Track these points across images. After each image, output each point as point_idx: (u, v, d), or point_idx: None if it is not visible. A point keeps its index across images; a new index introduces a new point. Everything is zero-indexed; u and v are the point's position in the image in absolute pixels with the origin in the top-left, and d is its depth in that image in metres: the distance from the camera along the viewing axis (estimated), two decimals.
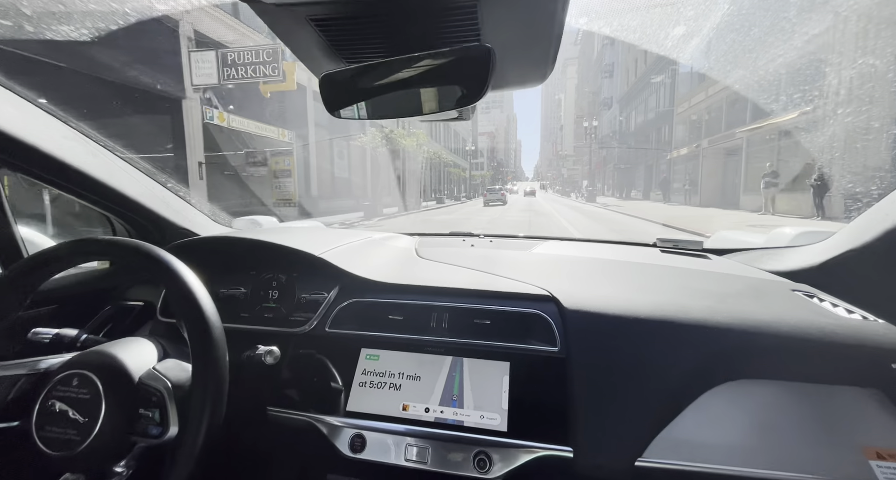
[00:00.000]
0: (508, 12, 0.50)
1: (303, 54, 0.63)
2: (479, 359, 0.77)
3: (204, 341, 0.56)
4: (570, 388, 0.70)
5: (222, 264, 0.98)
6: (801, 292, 0.86)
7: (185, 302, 0.58)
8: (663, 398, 0.67)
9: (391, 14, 0.50)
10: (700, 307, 0.74)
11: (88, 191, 0.93)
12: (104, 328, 0.96)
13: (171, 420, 0.57)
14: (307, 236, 1.07)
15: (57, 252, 0.64)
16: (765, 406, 0.68)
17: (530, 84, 0.68)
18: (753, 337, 0.68)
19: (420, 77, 0.56)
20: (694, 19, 6.42)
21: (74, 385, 0.57)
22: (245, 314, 0.91)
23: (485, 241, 1.41)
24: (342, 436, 0.73)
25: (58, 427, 0.55)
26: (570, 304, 0.78)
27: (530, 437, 0.68)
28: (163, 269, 0.59)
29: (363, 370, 0.80)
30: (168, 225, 1.11)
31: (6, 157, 0.79)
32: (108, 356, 0.60)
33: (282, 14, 0.51)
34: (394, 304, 0.85)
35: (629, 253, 1.22)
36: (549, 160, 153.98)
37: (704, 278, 0.96)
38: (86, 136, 0.91)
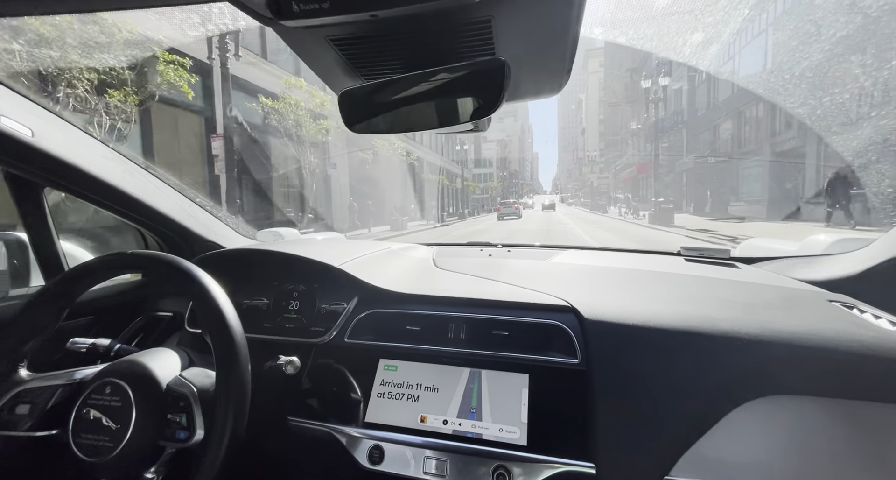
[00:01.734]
0: (523, 26, 0.50)
1: (322, 72, 0.65)
2: (497, 371, 0.76)
3: (227, 349, 0.58)
4: (591, 401, 0.68)
5: (246, 276, 1.01)
6: (840, 303, 0.81)
7: (210, 313, 0.60)
8: (691, 413, 0.64)
9: (408, 32, 0.51)
10: (727, 318, 0.71)
11: (124, 207, 0.99)
12: (136, 337, 1.00)
13: (198, 424, 0.59)
14: (327, 248, 1.09)
15: (94, 266, 0.67)
16: (802, 425, 0.64)
17: (546, 95, 0.68)
18: (787, 350, 0.65)
19: (436, 91, 0.57)
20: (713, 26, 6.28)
21: (107, 393, 0.60)
22: (267, 324, 0.93)
23: (502, 251, 1.40)
24: (361, 447, 0.73)
25: (92, 433, 0.58)
26: (590, 315, 0.76)
27: (551, 452, 0.66)
28: (190, 281, 0.62)
29: (381, 381, 0.80)
30: (196, 238, 1.16)
31: (53, 177, 0.84)
32: (137, 365, 0.63)
33: (303, 35, 0.53)
34: (412, 315, 0.86)
35: (651, 262, 1.19)
36: (568, 171, 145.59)
37: (732, 287, 0.92)
38: (122, 155, 0.96)
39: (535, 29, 0.51)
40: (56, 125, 0.81)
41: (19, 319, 0.66)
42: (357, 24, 0.49)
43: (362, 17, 0.44)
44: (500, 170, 67.07)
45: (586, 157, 66.67)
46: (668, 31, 3.56)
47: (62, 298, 0.68)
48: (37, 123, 0.76)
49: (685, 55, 5.21)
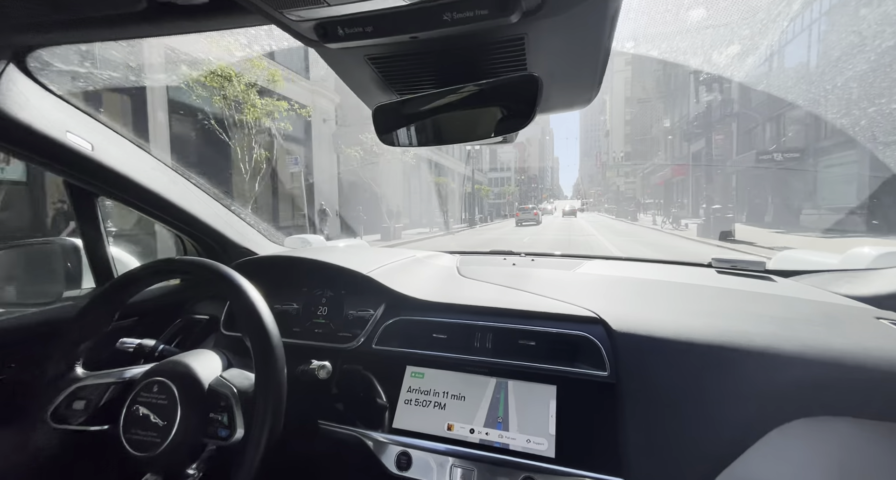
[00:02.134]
0: (555, 42, 0.52)
1: (357, 88, 0.68)
2: (524, 381, 0.76)
3: (266, 352, 0.61)
4: (621, 415, 0.67)
5: (278, 281, 1.05)
6: (888, 321, 0.77)
7: (250, 317, 0.63)
8: (726, 432, 0.63)
9: (443, 50, 0.53)
10: (764, 334, 0.69)
11: (168, 214, 1.05)
12: (175, 338, 1.05)
13: (238, 423, 0.62)
14: (355, 256, 1.12)
15: (144, 271, 0.72)
16: (845, 447, 0.61)
17: (576, 107, 0.69)
18: (831, 369, 0.62)
19: (468, 106, 0.59)
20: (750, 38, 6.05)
21: (155, 392, 0.63)
22: (297, 328, 0.96)
23: (526, 259, 1.40)
24: (388, 453, 0.74)
25: (141, 429, 0.61)
26: (619, 326, 0.75)
27: (579, 465, 0.66)
28: (231, 286, 0.65)
29: (408, 388, 0.81)
30: (231, 244, 1.21)
31: (108, 187, 0.91)
32: (182, 365, 0.66)
33: (343, 55, 0.56)
34: (438, 323, 0.87)
35: (681, 274, 1.16)
36: (590, 176, 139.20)
37: (768, 301, 0.89)
38: (166, 165, 1.02)
39: (567, 45, 0.52)
40: (112, 139, 0.87)
41: (76, 321, 0.71)
42: (395, 43, 0.52)
43: (403, 39, 0.46)
44: (518, 174, 63.14)
45: (611, 159, 61.08)
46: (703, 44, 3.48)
47: (114, 301, 0.73)
48: (96, 138, 0.82)
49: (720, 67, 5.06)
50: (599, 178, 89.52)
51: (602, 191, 76.79)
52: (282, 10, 0.42)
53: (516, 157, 63.44)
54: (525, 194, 67.43)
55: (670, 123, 29.47)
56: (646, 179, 38.36)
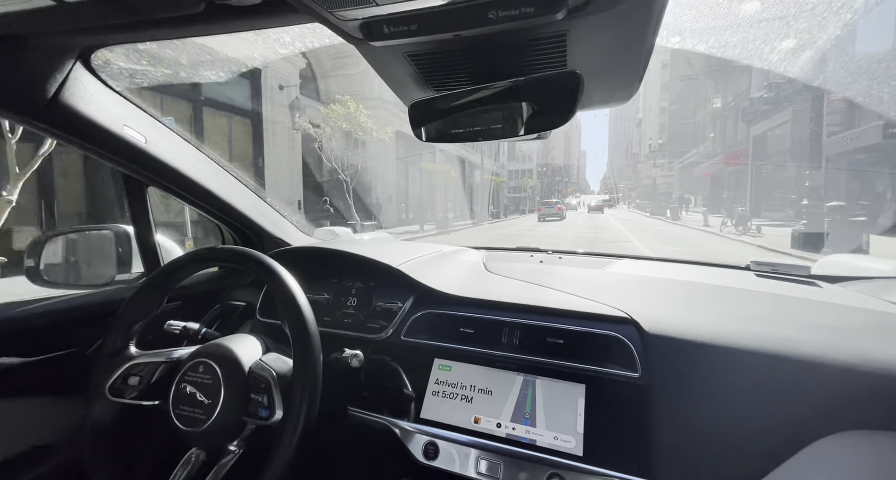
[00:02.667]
0: (599, 39, 0.51)
1: (395, 84, 0.69)
2: (552, 379, 0.76)
3: (303, 338, 0.64)
4: (652, 418, 0.67)
5: (310, 271, 1.08)
6: None
7: (289, 305, 0.66)
8: (763, 442, 0.61)
9: (483, 47, 0.53)
10: (811, 342, 0.66)
11: (209, 204, 1.10)
12: (215, 323, 1.11)
13: (277, 405, 0.65)
14: (383, 248, 1.14)
15: (191, 257, 0.76)
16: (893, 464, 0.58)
17: (614, 104, 0.68)
18: (882, 381, 0.59)
19: (506, 102, 0.58)
20: (807, 32, 5.51)
21: (200, 372, 0.68)
22: (327, 318, 1.00)
23: (553, 257, 1.38)
24: (416, 442, 0.76)
25: (188, 406, 0.66)
26: (652, 328, 0.74)
27: (607, 465, 0.65)
28: (272, 276, 0.68)
29: (436, 380, 0.83)
30: (266, 234, 1.27)
31: (157, 177, 0.96)
32: (224, 348, 0.70)
33: (383, 52, 0.57)
34: (465, 317, 0.88)
35: (718, 276, 1.12)
36: (619, 170, 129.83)
37: (812, 307, 0.85)
38: (210, 158, 1.07)
39: (610, 41, 0.51)
40: (163, 133, 0.93)
41: (131, 303, 0.76)
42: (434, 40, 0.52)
43: (446, 37, 0.47)
44: (540, 166, 55.19)
45: (646, 149, 53.04)
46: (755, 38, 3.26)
47: (164, 286, 0.78)
48: (149, 132, 0.87)
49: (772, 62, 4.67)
50: (630, 171, 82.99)
51: (633, 185, 70.52)
52: (331, 9, 0.43)
53: (539, 147, 53.69)
54: (548, 187, 63.19)
55: (722, 102, 24.31)
56: (685, 171, 33.32)
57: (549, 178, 67.00)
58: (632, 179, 79.03)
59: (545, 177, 62.08)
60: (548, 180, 65.45)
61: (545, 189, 57.81)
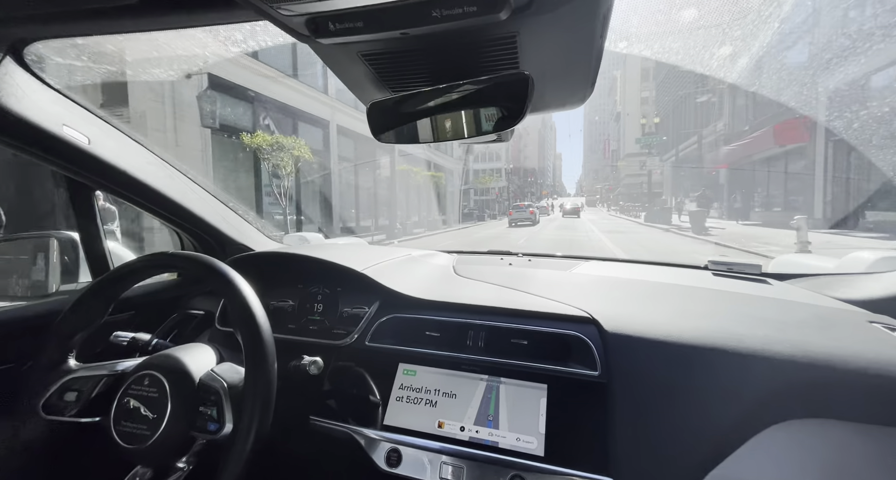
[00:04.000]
0: (547, 40, 0.52)
1: (352, 85, 0.68)
2: (515, 380, 0.76)
3: (256, 346, 0.61)
4: (611, 415, 0.68)
5: (273, 278, 1.05)
6: (881, 325, 0.77)
7: (242, 312, 0.63)
8: (716, 433, 0.63)
9: (435, 47, 0.54)
10: (756, 335, 0.69)
11: (164, 209, 1.05)
12: (171, 333, 1.05)
13: (227, 418, 0.62)
14: (351, 253, 1.12)
15: (137, 265, 0.72)
16: (833, 450, 0.61)
17: (570, 106, 0.69)
18: (821, 372, 0.62)
19: (461, 104, 0.59)
20: (742, 39, 5.91)
21: (146, 384, 0.64)
22: (292, 325, 0.97)
23: (523, 260, 1.40)
24: (379, 450, 0.74)
25: (131, 422, 0.62)
26: (611, 327, 0.75)
27: (568, 464, 0.66)
28: (223, 281, 0.65)
29: (400, 385, 0.81)
30: (228, 240, 1.22)
31: (104, 181, 0.91)
32: (173, 359, 0.67)
33: (336, 51, 0.56)
34: (431, 321, 0.87)
35: (677, 276, 1.16)
36: (595, 171, 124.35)
37: (762, 304, 0.89)
38: (165, 161, 1.03)
39: (559, 43, 0.52)
40: (109, 133, 0.88)
41: (70, 312, 0.71)
42: (388, 40, 0.52)
43: (393, 35, 0.46)
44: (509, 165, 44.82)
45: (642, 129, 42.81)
46: (695, 44, 3.46)
47: (108, 294, 0.73)
48: (93, 132, 0.83)
49: (712, 68, 4.98)
50: (608, 171, 72.50)
51: (612, 185, 60.45)
52: (272, 4, 0.42)
53: (509, 147, 45.70)
54: (521, 189, 58.10)
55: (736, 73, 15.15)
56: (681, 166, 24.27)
57: (521, 178, 61.99)
58: (610, 179, 69.57)
59: (517, 178, 56.26)
60: (521, 181, 60.49)
61: (518, 191, 52.48)
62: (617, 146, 60.04)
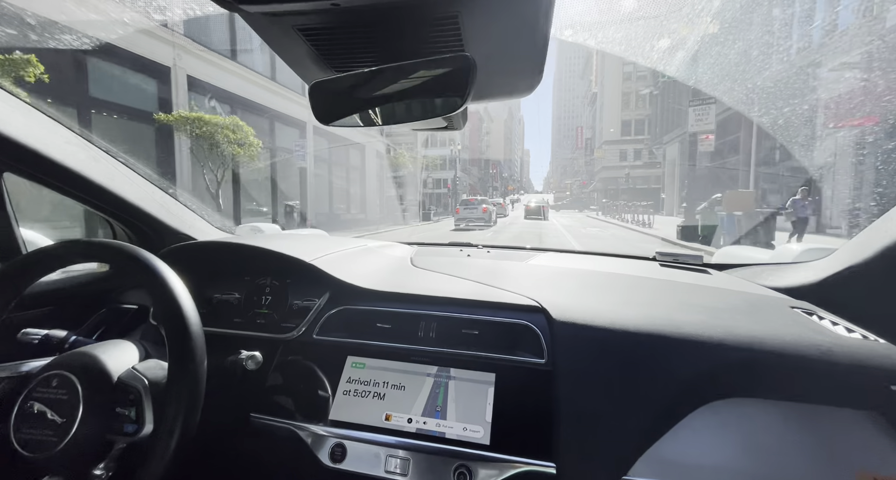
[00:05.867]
0: (490, 24, 0.50)
1: (292, 62, 0.64)
2: (464, 370, 0.76)
3: (180, 338, 0.56)
4: (555, 401, 0.69)
5: (218, 270, 0.99)
6: (801, 310, 0.83)
7: (165, 303, 0.58)
8: (651, 414, 0.65)
9: (375, 24, 0.51)
10: (692, 322, 0.73)
11: (89, 195, 0.95)
12: (97, 330, 0.97)
13: (147, 418, 0.57)
14: (302, 243, 1.07)
15: (42, 254, 0.65)
16: (757, 427, 0.65)
17: (518, 95, 0.68)
18: (747, 354, 0.66)
19: (404, 86, 0.56)
20: (678, 32, 6.19)
21: (54, 386, 0.57)
22: (238, 319, 0.91)
23: (482, 252, 1.40)
24: (324, 445, 0.72)
25: (35, 428, 0.56)
26: (560, 316, 0.76)
27: (513, 451, 0.66)
28: (145, 270, 0.60)
29: (348, 379, 0.79)
30: (167, 230, 1.13)
31: (10, 161, 0.81)
32: (88, 357, 0.61)
33: (270, 24, 0.52)
34: (382, 312, 0.85)
35: (627, 266, 1.20)
36: (563, 167, 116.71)
37: (700, 292, 0.94)
38: (88, 141, 0.93)
39: (502, 28, 0.51)
40: (16, 108, 0.78)
41: None
42: (323, 13, 0.49)
43: (324, 6, 0.43)
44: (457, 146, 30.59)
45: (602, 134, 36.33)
46: (636, 35, 3.57)
47: (8, 287, 0.65)
48: None
49: (653, 60, 5.16)
50: (581, 163, 60.65)
51: (586, 179, 50.73)
52: None
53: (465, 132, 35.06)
54: (482, 182, 49.26)
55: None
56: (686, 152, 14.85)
57: (482, 170, 50.79)
58: (583, 173, 57.62)
59: (476, 168, 46.07)
60: (480, 172, 49.28)
61: (477, 185, 44.03)
62: (592, 134, 48.48)
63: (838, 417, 0.65)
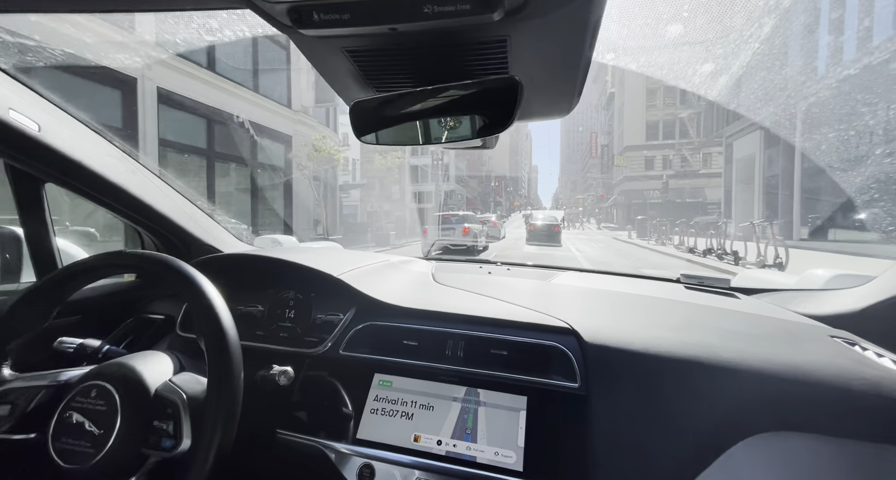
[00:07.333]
0: (537, 48, 0.51)
1: (335, 82, 0.66)
2: (494, 391, 0.74)
3: (221, 354, 0.56)
4: (590, 428, 0.67)
5: (242, 282, 0.99)
6: (841, 339, 0.80)
7: (206, 317, 0.58)
8: (691, 446, 0.63)
9: (423, 47, 0.52)
10: (730, 349, 0.70)
11: (123, 206, 0.98)
12: (125, 339, 0.97)
13: (185, 433, 0.57)
14: (326, 257, 1.08)
15: (88, 264, 0.66)
16: (805, 463, 0.62)
17: (555, 116, 0.69)
18: (789, 385, 0.64)
19: (447, 107, 0.57)
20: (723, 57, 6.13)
21: (93, 397, 0.57)
22: (261, 332, 0.91)
23: (502, 269, 1.39)
24: (350, 465, 0.70)
25: (73, 438, 0.55)
26: (591, 338, 0.75)
27: (547, 479, 0.64)
28: (187, 283, 0.60)
29: (375, 397, 0.78)
30: (194, 241, 1.15)
31: (56, 173, 0.84)
32: (126, 368, 0.61)
33: (319, 45, 0.54)
34: (409, 329, 0.84)
35: (652, 288, 1.18)
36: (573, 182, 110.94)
37: (733, 317, 0.91)
38: (127, 154, 0.96)
39: (548, 51, 0.52)
40: (63, 121, 0.81)
41: (5, 317, 0.64)
42: (373, 36, 0.50)
43: (381, 30, 0.44)
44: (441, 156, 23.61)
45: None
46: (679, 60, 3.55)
47: (53, 296, 0.66)
48: (44, 118, 0.76)
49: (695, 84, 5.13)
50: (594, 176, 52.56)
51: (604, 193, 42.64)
52: None
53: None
54: (482, 197, 44.52)
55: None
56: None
57: (482, 184, 46.23)
58: (597, 186, 49.24)
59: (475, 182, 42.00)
60: (480, 186, 44.76)
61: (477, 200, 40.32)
62: (608, 140, 40.46)
63: (887, 454, 0.62)
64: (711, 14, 4.66)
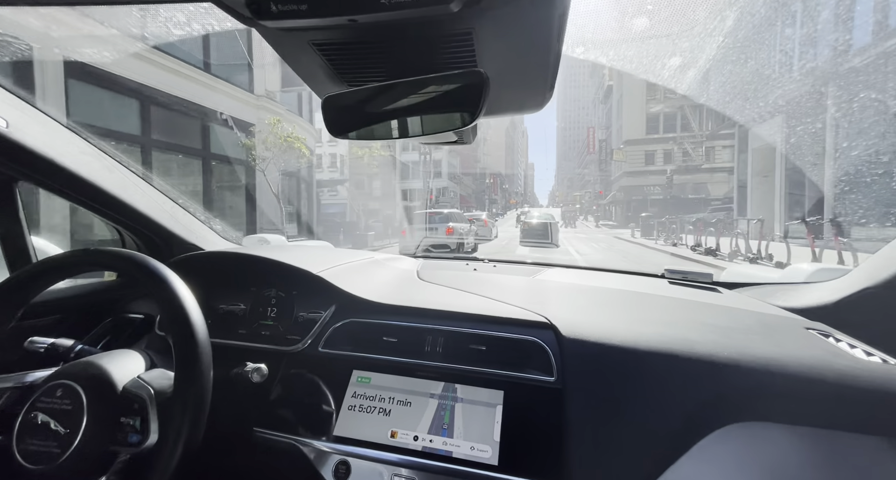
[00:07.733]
0: (503, 40, 0.51)
1: (306, 76, 0.65)
2: (472, 386, 0.74)
3: (187, 347, 0.56)
4: (565, 421, 0.67)
5: (224, 280, 0.98)
6: (816, 331, 0.81)
7: (172, 310, 0.58)
8: (665, 437, 0.63)
9: (389, 40, 0.52)
10: (705, 342, 0.71)
11: (101, 204, 0.96)
12: (103, 339, 0.96)
13: (152, 428, 0.57)
14: (309, 255, 1.07)
15: (55, 262, 0.65)
16: (775, 452, 0.63)
17: (528, 110, 0.69)
18: (762, 376, 0.64)
19: (417, 101, 0.57)
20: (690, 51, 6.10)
21: (58, 396, 0.57)
22: (243, 330, 0.91)
23: (489, 266, 1.39)
24: (327, 462, 0.70)
25: (39, 439, 0.55)
26: (569, 332, 0.75)
27: (521, 472, 0.64)
28: (155, 280, 0.60)
29: (353, 393, 0.77)
30: (176, 240, 1.14)
31: (26, 170, 0.82)
32: (93, 367, 0.60)
33: (285, 38, 0.53)
34: (389, 326, 0.84)
35: (636, 283, 1.18)
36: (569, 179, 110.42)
37: (712, 311, 0.92)
38: (102, 151, 0.95)
39: (515, 44, 0.52)
40: (33, 117, 0.80)
41: None
42: (339, 29, 0.49)
43: (341, 22, 0.44)
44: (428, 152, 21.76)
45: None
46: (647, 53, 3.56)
47: (16, 297, 0.64)
48: (12, 114, 0.74)
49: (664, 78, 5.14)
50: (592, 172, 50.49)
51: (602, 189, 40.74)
52: None
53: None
54: (476, 195, 43.45)
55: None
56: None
57: (476, 181, 45.02)
58: (595, 182, 47.14)
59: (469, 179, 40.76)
60: (474, 183, 43.72)
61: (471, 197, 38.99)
62: (607, 135, 38.90)
63: (860, 443, 0.62)
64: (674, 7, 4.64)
